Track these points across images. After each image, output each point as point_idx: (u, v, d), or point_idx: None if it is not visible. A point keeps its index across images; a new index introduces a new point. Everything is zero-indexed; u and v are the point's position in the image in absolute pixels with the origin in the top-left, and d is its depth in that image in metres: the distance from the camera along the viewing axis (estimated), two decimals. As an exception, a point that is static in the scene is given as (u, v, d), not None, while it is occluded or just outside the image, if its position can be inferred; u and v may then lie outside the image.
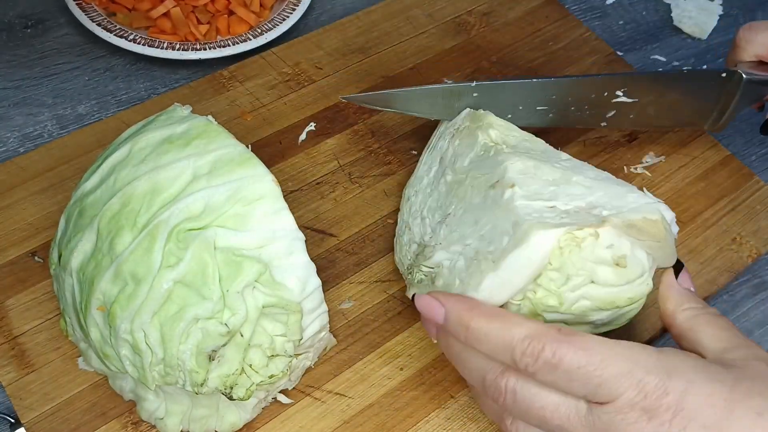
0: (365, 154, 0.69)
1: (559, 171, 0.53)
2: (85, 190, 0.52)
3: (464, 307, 0.47)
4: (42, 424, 0.53)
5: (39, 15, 0.79)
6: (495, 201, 0.51)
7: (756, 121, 0.78)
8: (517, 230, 0.48)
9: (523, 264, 0.47)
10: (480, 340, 0.45)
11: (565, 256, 0.47)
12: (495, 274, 0.48)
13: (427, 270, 0.54)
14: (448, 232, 0.54)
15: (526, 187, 0.51)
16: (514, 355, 0.44)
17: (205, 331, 0.47)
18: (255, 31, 0.77)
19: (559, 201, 0.50)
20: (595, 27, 0.85)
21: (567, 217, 0.49)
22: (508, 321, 0.45)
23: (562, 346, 0.42)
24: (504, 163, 0.54)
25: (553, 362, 0.42)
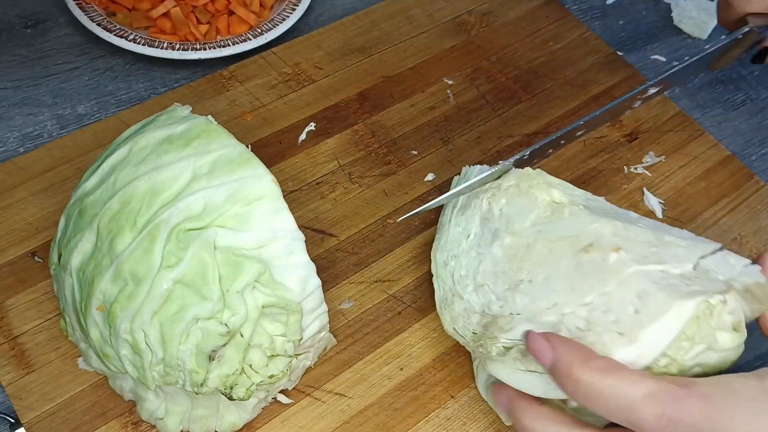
0: (365, 154, 0.69)
1: (647, 231, 0.51)
2: (85, 190, 0.52)
3: (578, 356, 0.44)
4: (42, 424, 0.53)
5: (39, 15, 0.79)
6: (596, 266, 0.49)
7: (756, 121, 0.78)
8: (649, 300, 0.46)
9: (662, 336, 0.45)
10: (590, 397, 0.43)
11: (699, 324, 0.45)
12: (630, 349, 0.45)
13: (510, 342, 0.50)
14: (529, 301, 0.51)
15: (631, 251, 0.49)
16: (634, 416, 0.42)
17: (205, 331, 0.47)
18: (255, 31, 0.77)
19: (668, 264, 0.48)
20: (595, 27, 0.85)
21: (688, 282, 0.47)
22: (624, 378, 0.42)
23: (688, 404, 0.41)
24: (592, 224, 0.52)
25: (678, 419, 0.41)
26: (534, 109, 0.74)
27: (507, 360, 0.50)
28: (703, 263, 0.49)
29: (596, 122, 0.61)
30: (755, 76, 0.82)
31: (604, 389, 0.42)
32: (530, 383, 0.48)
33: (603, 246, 0.50)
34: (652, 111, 0.75)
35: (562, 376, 0.44)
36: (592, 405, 0.43)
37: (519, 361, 0.49)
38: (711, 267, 0.49)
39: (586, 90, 0.76)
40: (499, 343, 0.50)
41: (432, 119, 0.72)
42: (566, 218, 0.54)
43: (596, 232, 0.52)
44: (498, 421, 0.56)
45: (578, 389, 0.43)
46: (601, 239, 0.51)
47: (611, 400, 0.42)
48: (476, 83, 0.76)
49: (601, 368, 0.43)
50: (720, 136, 0.76)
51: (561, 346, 0.45)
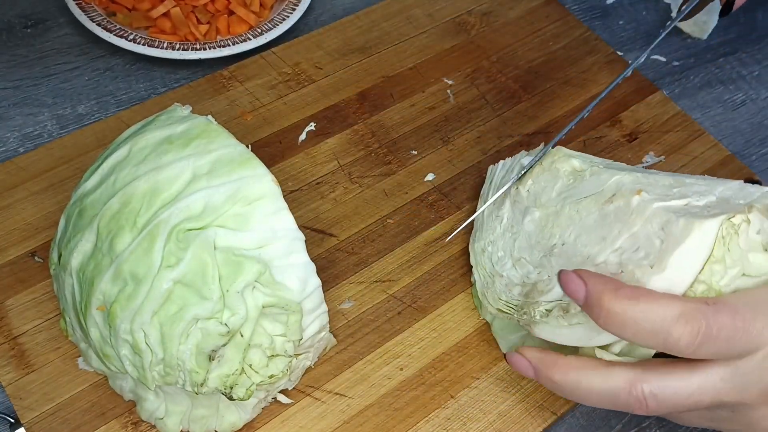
0: (365, 154, 0.69)
1: (668, 177, 0.52)
2: (85, 190, 0.52)
3: (608, 287, 0.44)
4: (42, 424, 0.53)
5: (39, 15, 0.79)
6: (622, 212, 0.51)
7: (756, 121, 0.78)
8: (671, 228, 0.47)
9: (690, 259, 0.45)
10: (623, 325, 0.43)
11: (727, 245, 0.45)
12: (660, 277, 0.46)
13: (550, 303, 0.52)
14: (565, 260, 0.52)
15: (653, 192, 0.50)
16: (669, 338, 0.42)
17: (205, 331, 0.47)
18: (255, 31, 0.77)
19: (691, 198, 0.49)
20: (595, 27, 0.85)
21: (710, 210, 0.48)
22: (654, 301, 0.43)
23: (719, 319, 0.42)
24: (612, 178, 0.53)
25: (713, 335, 0.42)
26: (534, 109, 0.74)
27: (550, 320, 0.51)
28: (721, 193, 0.50)
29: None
30: (755, 76, 0.82)
31: (636, 315, 0.43)
32: (574, 336, 0.49)
33: (624, 193, 0.51)
34: (652, 111, 0.75)
35: (594, 308, 0.45)
36: (625, 334, 0.44)
37: (561, 317, 0.50)
38: (731, 195, 0.50)
39: (586, 90, 0.76)
40: (541, 306, 0.52)
41: (432, 119, 0.72)
42: (588, 179, 0.56)
43: (617, 182, 0.53)
44: (498, 421, 0.56)
45: (610, 319, 0.44)
46: (623, 188, 0.52)
47: (644, 325, 0.43)
48: (476, 83, 0.76)
49: (630, 295, 0.44)
50: (720, 136, 0.76)
51: (591, 279, 0.45)
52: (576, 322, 0.49)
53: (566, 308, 0.50)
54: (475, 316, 0.60)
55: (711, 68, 0.82)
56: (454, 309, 0.61)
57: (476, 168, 0.69)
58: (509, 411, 0.56)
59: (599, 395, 0.47)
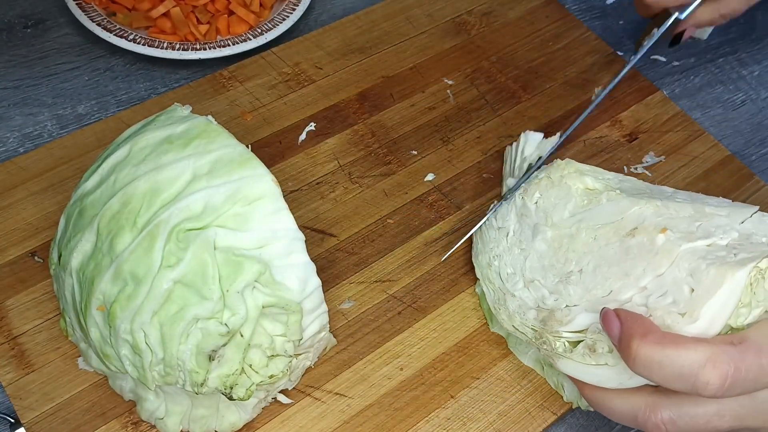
0: (365, 154, 0.69)
1: (686, 205, 0.52)
2: (85, 190, 0.52)
3: (638, 330, 0.45)
4: (42, 424, 0.53)
5: (39, 15, 0.79)
6: (645, 249, 0.50)
7: (756, 121, 0.78)
8: (701, 277, 0.47)
9: (721, 310, 0.46)
10: (650, 369, 0.44)
11: (753, 290, 0.46)
12: (693, 327, 0.46)
13: (573, 335, 0.51)
14: (583, 290, 0.52)
15: (677, 229, 0.50)
16: (697, 382, 0.43)
17: (205, 331, 0.47)
18: (255, 31, 0.77)
19: (716, 237, 0.49)
20: (595, 27, 0.85)
21: (735, 251, 0.48)
22: (681, 346, 0.43)
23: (745, 360, 0.43)
24: (632, 208, 0.53)
25: (742, 377, 0.42)
26: (534, 109, 0.74)
27: (575, 356, 0.50)
28: (743, 228, 0.50)
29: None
30: (755, 76, 0.82)
31: (663, 360, 0.43)
32: (602, 376, 0.49)
33: (648, 228, 0.51)
34: (652, 111, 0.75)
35: (623, 349, 0.45)
36: (653, 377, 0.44)
37: (588, 356, 0.50)
38: (752, 230, 0.50)
39: (586, 90, 0.76)
40: (562, 338, 0.51)
41: (432, 119, 0.72)
42: (605, 204, 0.55)
43: (638, 214, 0.53)
44: (498, 421, 0.56)
45: (638, 362, 0.44)
46: (645, 221, 0.52)
47: (672, 370, 0.43)
48: (476, 83, 0.76)
49: (658, 340, 0.44)
50: (720, 136, 0.76)
51: (626, 319, 0.46)
52: (604, 362, 0.49)
53: (593, 347, 0.50)
54: (475, 316, 0.60)
55: (711, 68, 0.82)
56: (454, 309, 0.61)
57: (476, 168, 0.69)
58: (509, 411, 0.56)
59: (620, 415, 0.48)
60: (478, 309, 0.61)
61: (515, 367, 0.58)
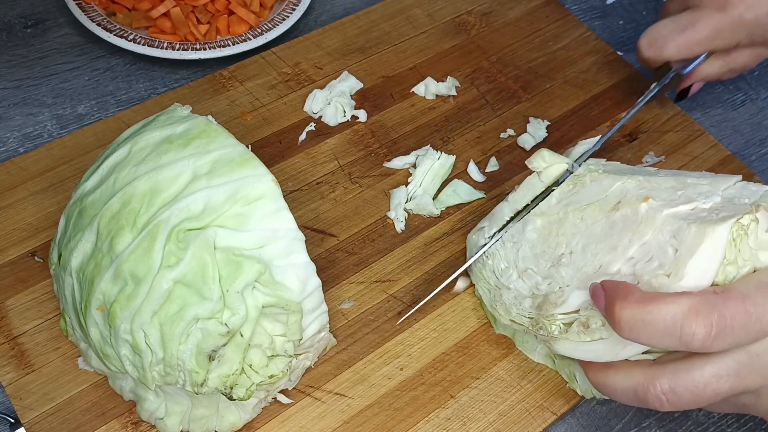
0: (365, 154, 0.69)
1: (669, 178, 0.53)
2: (85, 190, 0.52)
3: (620, 294, 0.45)
4: (42, 424, 0.53)
5: (39, 15, 0.79)
6: (630, 219, 0.51)
7: (756, 121, 0.78)
8: (684, 236, 0.47)
9: (706, 266, 0.46)
10: (636, 330, 0.44)
11: (737, 247, 0.46)
12: (678, 286, 0.46)
13: (567, 316, 0.52)
14: (574, 270, 0.52)
15: (659, 198, 0.51)
16: (684, 335, 0.42)
17: (205, 331, 0.47)
18: (255, 31, 0.77)
19: (698, 202, 0.50)
20: (595, 27, 0.85)
21: (716, 212, 0.48)
22: (661, 301, 0.43)
23: (729, 306, 0.42)
24: (614, 184, 0.54)
25: (728, 324, 0.42)
26: (534, 109, 0.74)
27: (570, 335, 0.51)
28: (725, 194, 0.50)
29: None
30: (755, 76, 0.82)
31: (646, 317, 0.43)
32: (597, 351, 0.49)
33: (630, 200, 0.52)
34: (652, 111, 0.75)
35: (608, 315, 0.45)
36: (641, 338, 0.44)
37: (582, 333, 0.50)
38: (734, 194, 0.50)
39: (586, 90, 0.76)
40: (557, 320, 0.52)
41: (432, 119, 0.72)
42: (589, 185, 0.56)
43: (621, 189, 0.53)
44: (498, 421, 0.56)
45: (622, 325, 0.44)
46: (627, 194, 0.53)
47: (656, 326, 0.43)
48: (476, 83, 0.76)
49: (639, 299, 0.44)
50: (720, 136, 0.76)
51: (608, 287, 0.46)
52: (599, 337, 0.49)
53: (586, 323, 0.50)
54: (475, 316, 0.60)
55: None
56: (454, 309, 0.61)
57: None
58: (509, 411, 0.56)
59: (623, 393, 0.47)
60: (478, 309, 0.61)
61: (515, 367, 0.58)
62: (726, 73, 0.69)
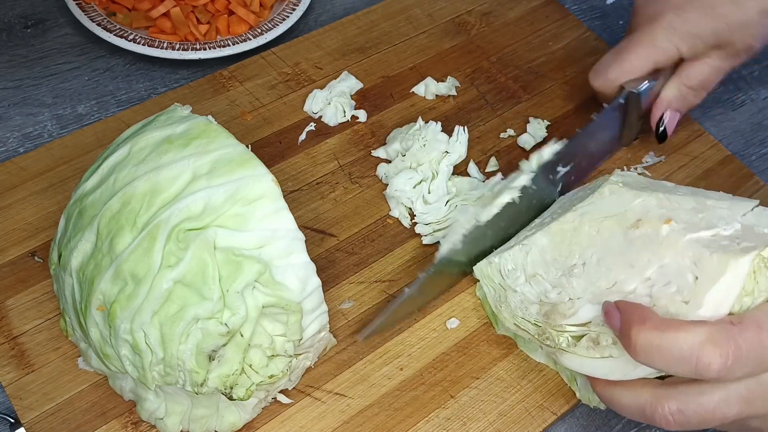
0: (365, 154, 0.69)
1: (689, 198, 0.53)
2: (85, 190, 0.52)
3: (636, 317, 0.45)
4: (42, 424, 0.53)
5: (39, 15, 0.79)
6: (650, 240, 0.51)
7: (756, 121, 0.78)
8: (705, 264, 0.47)
9: (724, 297, 0.46)
10: (651, 355, 0.44)
11: (756, 278, 0.46)
12: (697, 314, 0.46)
13: (578, 329, 0.51)
14: (587, 283, 0.52)
15: (680, 220, 0.51)
16: (699, 363, 0.43)
17: (205, 331, 0.47)
18: (255, 31, 0.77)
19: (719, 228, 0.50)
20: (595, 27, 0.85)
21: (738, 241, 0.48)
22: (680, 329, 0.43)
23: (746, 337, 0.42)
24: (635, 200, 0.54)
25: (743, 356, 0.42)
26: (534, 109, 0.74)
27: (579, 350, 0.50)
28: (745, 220, 0.50)
29: None
30: (755, 76, 0.82)
31: (662, 345, 0.43)
32: (606, 368, 0.49)
33: (652, 219, 0.52)
34: (652, 111, 0.75)
35: (624, 338, 0.45)
36: (656, 363, 0.44)
37: (592, 348, 0.50)
38: (754, 222, 0.50)
39: (586, 90, 0.76)
40: (566, 332, 0.51)
41: (432, 119, 0.72)
42: (607, 197, 0.56)
43: (642, 206, 0.53)
44: (498, 421, 0.56)
45: (638, 350, 0.44)
46: (649, 213, 0.52)
47: (672, 354, 0.43)
48: (476, 83, 0.76)
49: (655, 326, 0.44)
50: (720, 136, 0.76)
51: (625, 309, 0.46)
52: (608, 354, 0.49)
53: (596, 339, 0.50)
54: (475, 316, 0.60)
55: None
56: (454, 309, 0.61)
57: (476, 168, 0.69)
58: (509, 411, 0.56)
59: (629, 410, 0.48)
60: (479, 309, 0.61)
61: (515, 367, 0.58)
62: (690, 95, 0.66)
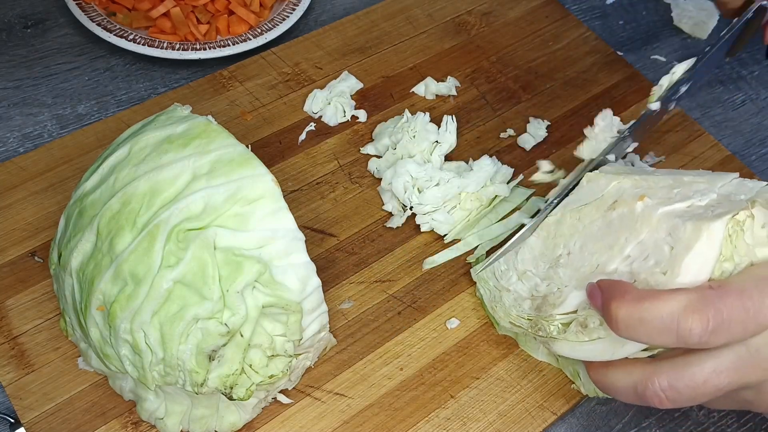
0: (365, 155, 0.69)
1: (666, 177, 0.53)
2: (85, 190, 0.52)
3: (616, 292, 0.45)
4: (42, 424, 0.53)
5: (39, 15, 0.79)
6: (626, 218, 0.51)
7: (756, 121, 0.78)
8: (679, 233, 0.47)
9: (702, 263, 0.46)
10: (633, 328, 0.44)
11: (734, 243, 0.46)
12: (675, 282, 0.46)
13: (565, 317, 0.52)
14: (573, 270, 0.52)
15: (655, 196, 0.51)
16: (681, 330, 0.42)
17: (205, 331, 0.47)
18: (255, 31, 0.77)
19: (694, 199, 0.50)
20: (595, 27, 0.85)
21: (712, 209, 0.48)
22: (658, 299, 0.43)
23: (726, 302, 0.42)
24: (611, 183, 0.54)
25: (725, 319, 0.42)
26: (534, 109, 0.74)
27: (569, 335, 0.51)
28: (722, 191, 0.50)
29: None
30: (755, 76, 0.82)
31: (642, 315, 0.43)
32: (596, 350, 0.49)
33: (627, 199, 0.52)
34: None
35: (605, 314, 0.45)
36: (639, 336, 0.44)
37: (581, 333, 0.50)
38: (730, 191, 0.50)
39: (586, 90, 0.76)
40: (556, 320, 0.51)
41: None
42: (585, 186, 0.56)
43: (617, 188, 0.53)
44: (498, 421, 0.56)
45: (619, 323, 0.44)
46: (624, 194, 0.53)
47: (653, 324, 0.43)
48: (476, 83, 0.76)
49: (634, 297, 0.44)
50: (720, 136, 0.76)
51: (605, 287, 0.46)
52: (597, 336, 0.49)
53: (584, 323, 0.50)
54: (475, 316, 0.60)
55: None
56: (454, 309, 0.61)
57: (476, 168, 0.69)
58: (509, 411, 0.56)
59: (623, 391, 0.47)
60: (479, 309, 0.61)
61: (515, 367, 0.58)
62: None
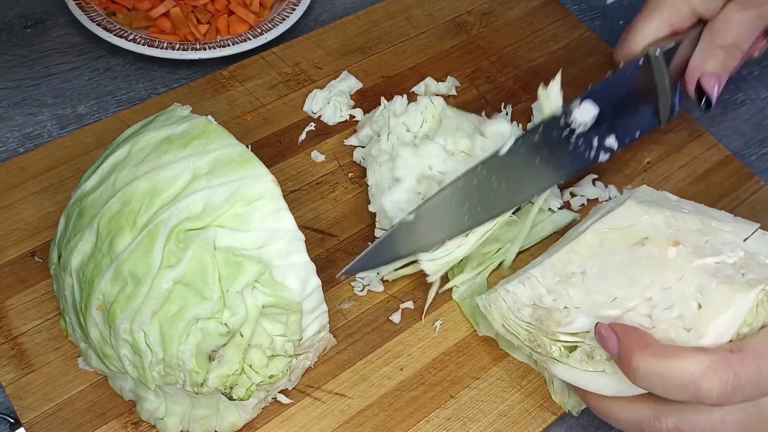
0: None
1: (694, 217, 0.53)
2: (84, 190, 0.52)
3: (637, 343, 0.45)
4: (42, 424, 0.53)
5: (39, 15, 0.79)
6: (655, 260, 0.51)
7: (756, 121, 0.78)
8: (711, 294, 0.48)
9: (727, 328, 0.47)
10: (652, 381, 0.45)
11: (758, 312, 0.47)
12: (699, 342, 0.46)
13: (570, 339, 0.51)
14: (585, 294, 0.52)
15: (687, 243, 0.51)
16: (699, 391, 0.43)
17: (205, 331, 0.47)
18: (255, 31, 0.77)
19: (724, 255, 0.50)
20: (595, 27, 0.85)
21: (742, 271, 0.49)
22: (681, 356, 0.44)
23: (745, 365, 0.43)
24: (643, 216, 0.53)
25: (742, 385, 0.43)
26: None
27: (572, 361, 0.50)
28: (747, 246, 0.51)
29: None
30: (755, 76, 0.82)
31: (663, 371, 0.44)
32: (599, 383, 0.49)
33: (659, 239, 0.52)
34: (652, 111, 0.75)
35: (623, 364, 0.46)
36: (656, 389, 0.45)
37: (586, 362, 0.50)
38: (756, 249, 0.51)
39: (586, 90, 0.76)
40: (559, 341, 0.51)
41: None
42: (615, 210, 0.55)
43: (649, 224, 0.53)
44: (498, 421, 0.56)
45: (639, 375, 0.45)
46: (656, 232, 0.52)
47: (672, 380, 0.44)
48: (476, 83, 0.76)
49: (656, 352, 0.45)
50: (720, 136, 0.76)
51: (624, 334, 0.46)
52: (602, 369, 0.49)
53: (591, 354, 0.50)
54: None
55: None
56: (454, 309, 0.61)
57: (476, 168, 0.69)
58: (509, 411, 0.56)
59: (625, 424, 0.48)
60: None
61: (515, 367, 0.58)
62: (721, 55, 0.60)
